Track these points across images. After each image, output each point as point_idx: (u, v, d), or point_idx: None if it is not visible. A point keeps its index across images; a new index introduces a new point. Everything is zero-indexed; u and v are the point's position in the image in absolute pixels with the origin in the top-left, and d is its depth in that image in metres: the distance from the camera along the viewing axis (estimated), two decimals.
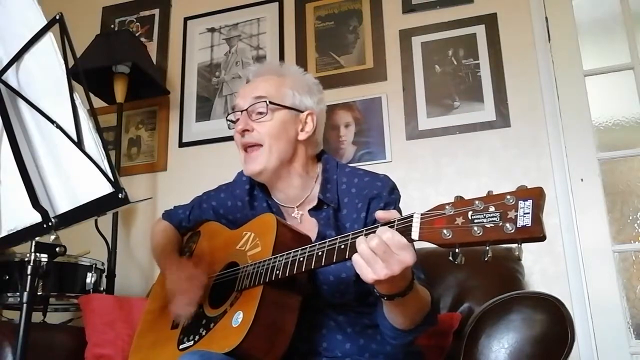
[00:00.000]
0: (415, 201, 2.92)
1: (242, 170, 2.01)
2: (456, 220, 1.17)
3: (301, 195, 1.89)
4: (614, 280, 2.73)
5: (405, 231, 1.27)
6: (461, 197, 1.20)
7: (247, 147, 1.86)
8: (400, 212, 1.77)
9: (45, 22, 1.36)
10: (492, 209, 1.12)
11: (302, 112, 1.89)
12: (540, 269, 2.74)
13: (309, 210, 1.85)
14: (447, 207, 1.19)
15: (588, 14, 3.19)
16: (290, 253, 1.56)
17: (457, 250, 1.18)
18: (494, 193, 1.15)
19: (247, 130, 1.84)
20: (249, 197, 1.96)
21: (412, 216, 1.27)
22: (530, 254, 2.73)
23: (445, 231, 1.17)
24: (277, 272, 1.56)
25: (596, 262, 2.75)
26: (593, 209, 2.82)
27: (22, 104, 1.39)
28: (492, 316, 1.76)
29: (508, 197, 1.11)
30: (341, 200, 1.83)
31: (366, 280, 1.32)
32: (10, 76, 1.41)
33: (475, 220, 1.14)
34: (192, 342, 1.70)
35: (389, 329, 1.61)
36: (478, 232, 1.13)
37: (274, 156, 1.82)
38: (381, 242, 1.28)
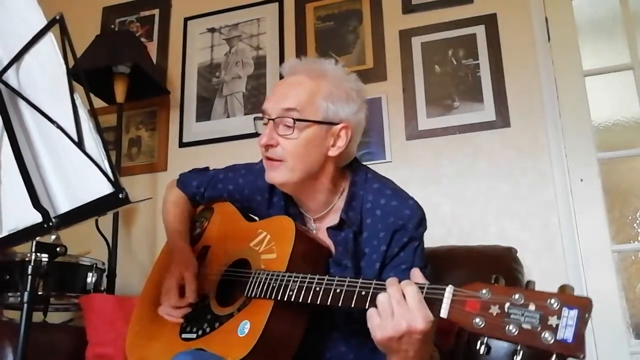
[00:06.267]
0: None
1: None
2: (491, 308, 1.11)
3: (323, 208, 1.79)
4: (613, 280, 2.73)
5: (434, 304, 1.23)
6: (499, 282, 1.15)
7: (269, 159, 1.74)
8: (422, 244, 1.72)
9: (46, 23, 1.36)
10: (532, 307, 1.06)
11: (335, 124, 1.71)
12: (540, 268, 2.74)
13: (328, 229, 1.75)
14: (483, 290, 1.14)
15: (588, 14, 3.20)
16: (307, 277, 1.52)
17: (485, 339, 1.12)
18: (536, 289, 1.10)
19: (271, 145, 1.69)
20: (269, 194, 1.88)
21: (444, 289, 1.22)
22: (530, 254, 2.73)
23: (477, 320, 1.12)
24: (291, 293, 1.52)
25: (596, 262, 2.75)
26: (592, 209, 2.82)
27: (22, 104, 1.39)
28: None
29: (552, 300, 1.05)
30: (364, 220, 1.72)
31: (374, 338, 1.31)
32: (10, 76, 1.41)
33: (512, 316, 1.08)
34: (194, 335, 1.69)
35: None
36: (513, 331, 1.07)
37: (297, 173, 1.69)
38: (398, 291, 1.26)
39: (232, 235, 1.90)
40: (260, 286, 1.60)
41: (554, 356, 1.02)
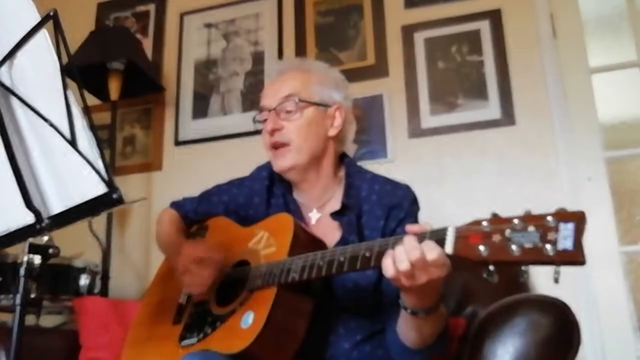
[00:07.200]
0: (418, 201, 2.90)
1: (260, 166, 2.01)
2: (493, 237, 1.17)
3: (324, 196, 1.89)
4: (620, 282, 2.69)
5: (438, 244, 1.26)
6: (498, 215, 1.19)
7: (275, 146, 1.84)
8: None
9: (39, 19, 1.33)
10: (531, 229, 1.12)
11: (329, 106, 1.88)
12: (545, 271, 2.68)
13: (332, 214, 1.82)
14: (483, 223, 1.20)
15: (594, 10, 3.16)
16: (309, 256, 1.53)
17: (491, 268, 1.16)
18: (533, 213, 1.14)
19: (277, 129, 1.83)
20: (267, 194, 1.93)
21: (446, 229, 1.27)
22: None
23: (481, 247, 1.17)
24: (294, 274, 1.53)
25: (603, 263, 2.71)
26: (600, 209, 2.77)
27: (15, 102, 1.36)
28: (496, 320, 1.77)
29: (548, 218, 1.11)
30: (362, 207, 1.81)
31: (390, 279, 1.33)
32: (3, 74, 1.38)
33: (513, 239, 1.14)
34: (195, 339, 1.67)
35: (396, 345, 1.61)
36: (516, 251, 1.12)
37: (304, 154, 1.82)
38: (422, 259, 1.27)
39: (229, 242, 1.89)
40: (262, 277, 1.61)
41: (557, 266, 1.09)
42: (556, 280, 1.09)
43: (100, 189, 1.22)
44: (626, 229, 2.84)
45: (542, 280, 2.63)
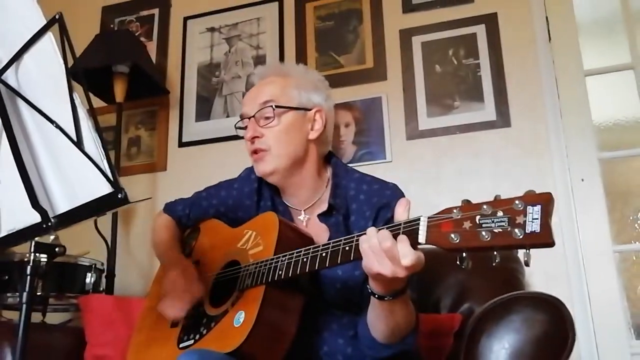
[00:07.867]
0: (416, 202, 2.89)
1: (250, 167, 2.00)
2: (464, 224, 1.16)
3: (311, 198, 1.88)
4: (614, 281, 2.72)
5: (412, 234, 1.27)
6: (468, 201, 1.19)
7: (256, 152, 1.84)
8: None
9: (45, 22, 1.35)
10: (500, 213, 1.12)
11: (309, 109, 1.87)
12: (540, 269, 2.72)
13: (319, 215, 1.83)
14: (454, 210, 1.19)
15: (588, 14, 3.18)
16: (293, 253, 1.55)
17: (464, 255, 1.17)
18: (502, 197, 1.14)
19: (257, 137, 1.82)
20: (257, 196, 1.94)
21: (419, 219, 1.27)
22: (531, 254, 2.71)
23: (452, 235, 1.17)
24: (280, 272, 1.55)
25: (597, 262, 2.74)
26: (594, 209, 2.81)
27: (21, 104, 1.38)
28: (492, 316, 1.76)
29: (517, 202, 1.10)
30: (350, 206, 1.81)
31: (368, 273, 1.35)
32: (9, 76, 1.40)
33: (483, 225, 1.13)
34: (192, 341, 1.69)
35: (367, 338, 1.61)
36: (486, 237, 1.12)
37: (284, 159, 1.81)
38: (392, 248, 1.28)
39: (220, 243, 1.93)
40: (251, 276, 1.63)
41: (527, 250, 1.10)
42: (526, 264, 1.11)
43: (105, 189, 1.24)
44: (620, 229, 2.85)
45: (537, 277, 2.67)
